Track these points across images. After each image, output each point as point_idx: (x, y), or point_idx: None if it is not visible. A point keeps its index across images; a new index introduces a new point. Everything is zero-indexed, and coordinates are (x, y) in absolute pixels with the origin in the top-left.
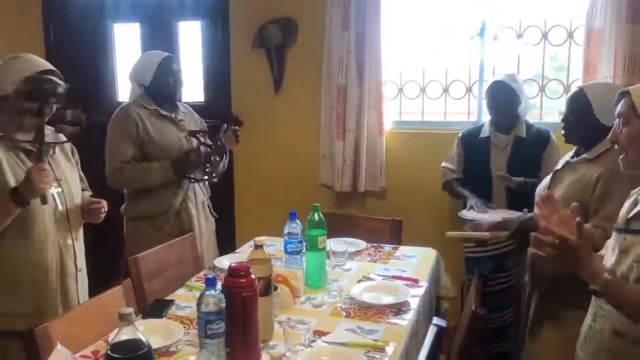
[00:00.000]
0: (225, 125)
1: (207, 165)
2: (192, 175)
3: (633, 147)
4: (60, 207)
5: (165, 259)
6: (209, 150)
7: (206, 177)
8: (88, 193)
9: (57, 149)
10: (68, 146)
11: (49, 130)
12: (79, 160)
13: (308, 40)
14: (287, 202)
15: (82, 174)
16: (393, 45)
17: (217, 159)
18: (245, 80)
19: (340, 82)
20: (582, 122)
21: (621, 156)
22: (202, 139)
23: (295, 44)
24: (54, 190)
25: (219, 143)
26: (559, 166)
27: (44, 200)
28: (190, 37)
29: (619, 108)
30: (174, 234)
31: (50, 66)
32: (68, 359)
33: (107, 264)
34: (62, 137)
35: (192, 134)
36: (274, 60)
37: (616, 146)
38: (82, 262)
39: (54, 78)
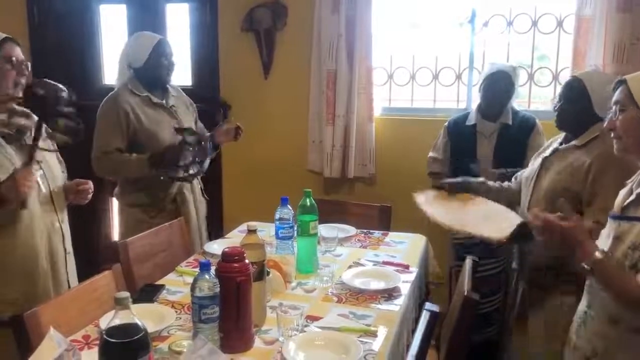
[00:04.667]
0: (221, 123)
1: (186, 163)
2: (169, 174)
3: (628, 134)
4: (43, 190)
5: (154, 244)
6: (190, 148)
7: (181, 176)
8: (65, 175)
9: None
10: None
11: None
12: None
13: (298, 24)
14: (275, 187)
15: (59, 156)
16: (383, 31)
17: (198, 159)
18: (234, 63)
19: (330, 67)
20: (577, 110)
21: (615, 140)
22: (185, 137)
23: (285, 28)
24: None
25: (203, 143)
26: (547, 153)
27: (24, 205)
28: (178, 19)
29: (615, 96)
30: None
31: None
32: (61, 344)
33: (88, 246)
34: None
35: (178, 131)
36: (263, 44)
37: (612, 133)
38: (69, 245)
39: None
